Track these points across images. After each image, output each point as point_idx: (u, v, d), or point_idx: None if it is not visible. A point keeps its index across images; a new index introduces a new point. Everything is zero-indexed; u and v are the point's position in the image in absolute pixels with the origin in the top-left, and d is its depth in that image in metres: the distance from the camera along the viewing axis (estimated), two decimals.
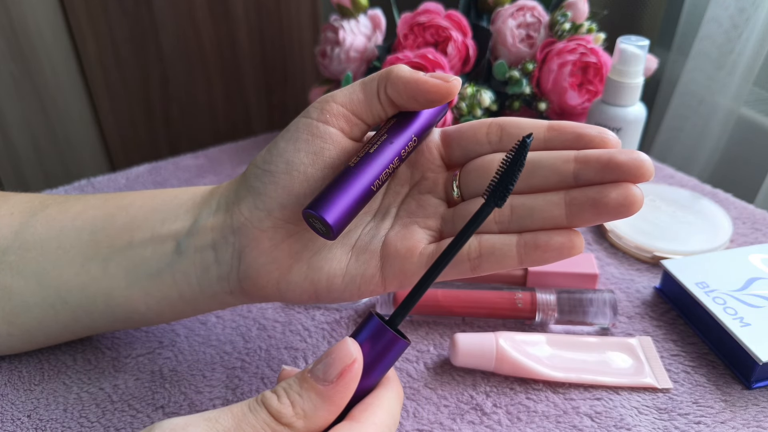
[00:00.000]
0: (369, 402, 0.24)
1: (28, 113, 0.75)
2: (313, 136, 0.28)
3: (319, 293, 0.30)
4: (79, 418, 0.33)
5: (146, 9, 0.75)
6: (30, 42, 0.72)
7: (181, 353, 0.37)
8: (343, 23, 0.56)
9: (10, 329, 0.34)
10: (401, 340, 0.24)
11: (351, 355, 0.23)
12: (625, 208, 0.25)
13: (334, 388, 0.22)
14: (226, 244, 0.30)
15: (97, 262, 0.32)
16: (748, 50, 0.66)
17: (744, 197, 0.53)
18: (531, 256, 0.27)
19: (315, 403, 0.22)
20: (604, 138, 0.27)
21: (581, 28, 0.52)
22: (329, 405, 0.23)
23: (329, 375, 0.23)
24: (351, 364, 0.23)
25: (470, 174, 0.29)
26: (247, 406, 0.22)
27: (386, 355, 0.24)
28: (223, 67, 0.84)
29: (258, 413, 0.22)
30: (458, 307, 0.38)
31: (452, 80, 0.27)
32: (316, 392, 0.22)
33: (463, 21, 0.52)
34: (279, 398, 0.23)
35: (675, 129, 0.76)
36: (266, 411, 0.22)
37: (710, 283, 0.38)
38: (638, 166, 0.25)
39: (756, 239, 0.47)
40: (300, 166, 0.28)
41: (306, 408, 0.22)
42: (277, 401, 0.22)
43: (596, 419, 0.33)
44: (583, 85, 0.52)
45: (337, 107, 0.28)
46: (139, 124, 0.84)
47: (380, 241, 0.30)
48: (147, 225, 0.32)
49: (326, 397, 0.22)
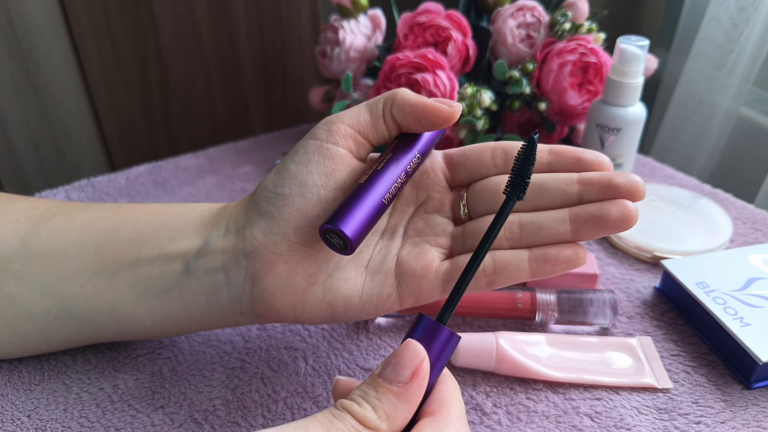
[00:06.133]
0: (440, 397, 0.25)
1: (27, 113, 0.75)
2: (324, 157, 0.29)
3: (336, 314, 0.31)
4: (79, 418, 0.33)
5: (146, 9, 0.75)
6: (30, 42, 0.72)
7: (181, 353, 0.37)
8: (343, 23, 0.56)
9: (12, 337, 0.34)
10: (455, 335, 0.25)
11: (420, 355, 0.24)
12: (624, 223, 0.28)
13: (410, 387, 0.23)
14: (238, 267, 0.30)
15: (104, 276, 0.32)
16: (748, 50, 0.66)
17: (744, 197, 0.53)
18: (542, 269, 0.29)
19: (394, 405, 0.23)
20: (600, 162, 0.30)
21: (581, 28, 0.52)
22: (407, 404, 0.24)
23: (402, 376, 0.24)
24: (421, 363, 0.24)
25: (479, 194, 0.31)
26: (331, 414, 0.23)
27: (443, 350, 0.25)
28: (223, 66, 0.84)
29: (345, 419, 0.23)
30: (458, 307, 0.38)
31: (455, 106, 0.29)
32: (393, 394, 0.23)
33: (463, 21, 0.52)
34: (360, 404, 0.23)
35: (675, 129, 0.76)
36: (351, 417, 0.23)
37: (710, 283, 0.38)
38: (634, 188, 0.28)
39: (756, 239, 0.47)
40: (313, 188, 0.28)
41: (387, 410, 0.23)
42: (360, 407, 0.23)
43: (596, 419, 0.33)
44: (583, 85, 0.52)
45: (345, 128, 0.29)
46: (139, 124, 0.84)
47: (393, 260, 0.31)
48: (154, 242, 0.32)
49: (404, 397, 0.23)
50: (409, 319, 0.39)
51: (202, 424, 0.32)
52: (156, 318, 0.32)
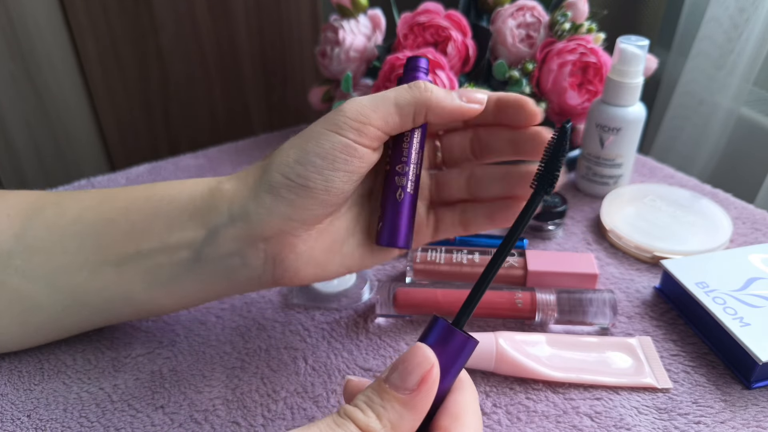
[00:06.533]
0: (455, 411, 0.23)
1: (27, 113, 0.75)
2: (351, 156, 0.29)
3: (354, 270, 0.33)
4: (78, 418, 0.33)
5: (146, 8, 0.75)
6: (30, 41, 0.72)
7: (181, 353, 0.37)
8: (343, 23, 0.56)
9: (23, 329, 0.34)
10: (471, 339, 0.24)
11: (429, 361, 0.22)
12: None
13: (417, 395, 0.22)
14: (256, 250, 0.30)
15: (110, 268, 0.32)
16: (748, 50, 0.66)
17: (744, 197, 0.53)
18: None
19: (400, 413, 0.22)
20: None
21: (581, 28, 0.52)
22: (413, 413, 0.22)
23: (409, 383, 0.22)
24: (430, 369, 0.22)
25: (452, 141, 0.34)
26: (333, 421, 0.22)
27: (458, 356, 0.23)
28: (222, 66, 0.84)
29: (347, 427, 0.22)
30: (458, 307, 0.38)
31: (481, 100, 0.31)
32: (399, 402, 0.22)
33: (463, 21, 0.52)
34: (363, 412, 0.22)
35: (675, 129, 0.77)
36: (354, 425, 0.22)
37: (710, 283, 0.38)
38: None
39: (756, 239, 0.47)
40: (338, 184, 0.29)
41: (392, 419, 0.22)
42: (363, 415, 0.22)
43: (596, 419, 0.33)
44: (582, 85, 0.52)
45: (374, 131, 0.29)
46: (139, 124, 0.84)
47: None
48: (152, 233, 0.32)
49: (410, 405, 0.22)
50: (409, 318, 0.39)
51: (202, 424, 0.32)
52: (173, 298, 0.33)
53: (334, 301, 0.40)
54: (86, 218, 0.33)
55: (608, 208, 0.48)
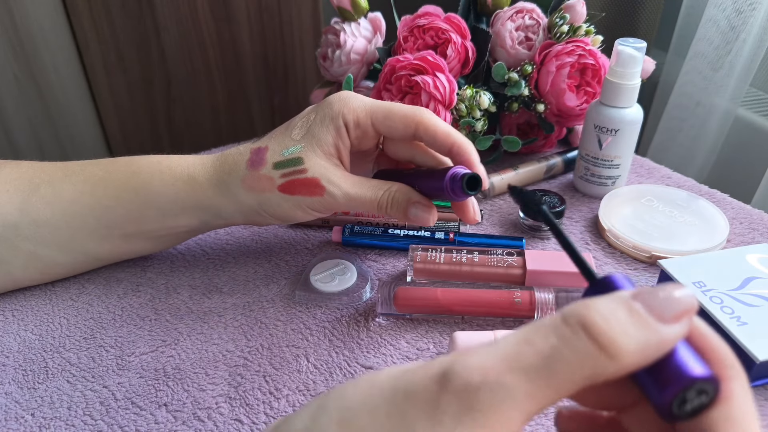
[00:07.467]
0: (733, 415, 0.18)
1: (31, 116, 0.76)
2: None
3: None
4: (82, 416, 0.33)
5: (149, 11, 0.76)
6: (33, 44, 0.73)
7: (184, 351, 0.37)
8: (344, 26, 0.56)
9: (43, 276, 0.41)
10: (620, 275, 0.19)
11: (695, 302, 0.17)
12: None
13: (668, 328, 0.17)
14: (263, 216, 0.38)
15: (117, 239, 0.39)
16: (745, 51, 0.67)
17: (741, 197, 0.53)
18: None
19: (647, 339, 0.17)
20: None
21: (579, 30, 0.52)
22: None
23: (666, 311, 0.17)
24: (691, 310, 0.17)
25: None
26: (551, 329, 0.17)
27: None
28: (225, 69, 0.85)
29: (579, 337, 0.16)
30: (457, 306, 0.38)
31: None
32: (646, 327, 0.17)
33: (463, 23, 0.53)
34: (607, 322, 0.16)
35: (672, 130, 0.77)
36: (589, 339, 0.16)
37: (707, 283, 0.39)
38: None
39: (753, 239, 0.47)
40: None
41: (641, 341, 0.16)
42: (606, 324, 0.16)
43: None
44: (581, 87, 0.52)
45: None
46: (142, 126, 0.84)
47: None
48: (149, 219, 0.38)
49: (658, 336, 0.17)
50: (410, 317, 0.40)
51: (205, 422, 0.33)
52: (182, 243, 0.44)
53: (336, 299, 0.41)
54: (84, 202, 0.38)
55: (606, 209, 0.49)
